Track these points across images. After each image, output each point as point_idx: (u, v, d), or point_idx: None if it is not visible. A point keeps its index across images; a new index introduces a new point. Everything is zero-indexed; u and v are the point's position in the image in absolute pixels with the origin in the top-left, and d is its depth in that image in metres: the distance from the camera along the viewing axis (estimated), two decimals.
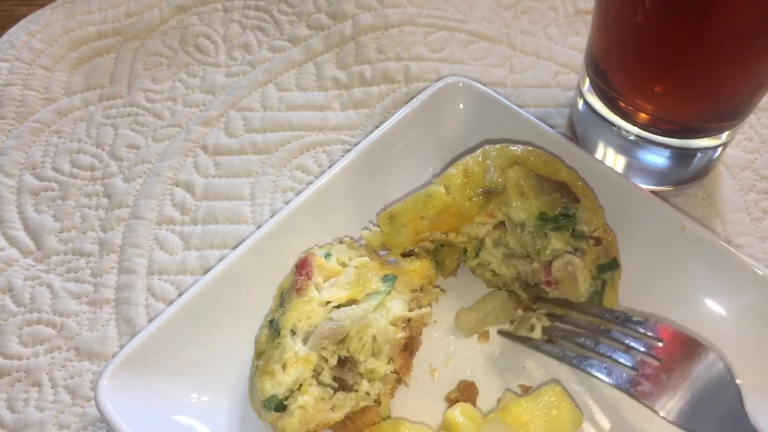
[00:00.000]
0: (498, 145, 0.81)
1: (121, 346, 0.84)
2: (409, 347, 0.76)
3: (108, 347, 0.85)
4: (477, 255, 0.82)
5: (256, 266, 0.82)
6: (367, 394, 0.72)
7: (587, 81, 0.91)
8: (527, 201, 0.78)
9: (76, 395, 0.83)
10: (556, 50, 1.07)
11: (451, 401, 0.79)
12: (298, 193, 0.92)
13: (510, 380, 0.81)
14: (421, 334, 0.79)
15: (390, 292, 0.75)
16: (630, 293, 0.82)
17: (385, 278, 0.76)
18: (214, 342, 0.79)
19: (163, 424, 0.74)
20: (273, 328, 0.73)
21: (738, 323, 0.80)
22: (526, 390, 0.80)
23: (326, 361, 0.71)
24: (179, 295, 0.87)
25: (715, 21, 0.71)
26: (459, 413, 0.74)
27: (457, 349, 0.83)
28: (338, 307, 0.73)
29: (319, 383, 0.71)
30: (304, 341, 0.71)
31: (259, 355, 0.74)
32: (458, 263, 0.86)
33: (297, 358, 0.70)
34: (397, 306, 0.75)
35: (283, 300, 0.76)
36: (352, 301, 0.74)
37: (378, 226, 0.81)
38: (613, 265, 0.78)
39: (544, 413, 0.73)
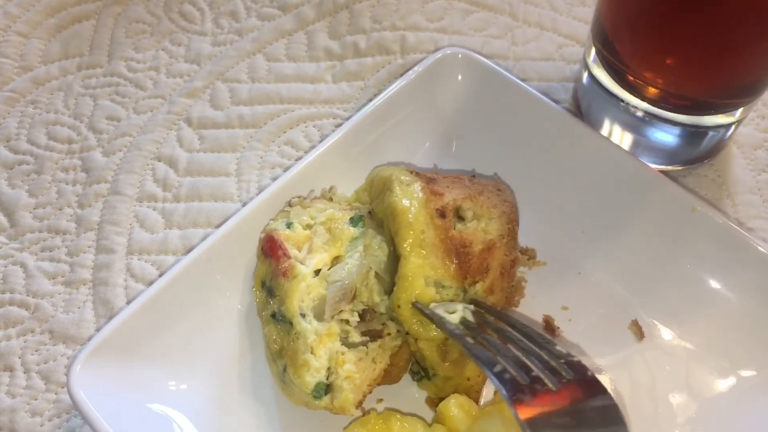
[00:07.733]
0: None
1: (98, 329, 0.80)
2: None
3: (84, 330, 0.82)
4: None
5: (241, 246, 0.79)
6: (398, 331, 0.72)
7: (593, 52, 0.86)
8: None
9: (50, 381, 0.79)
10: (561, 21, 1.03)
11: None
12: (286, 170, 0.88)
13: None
14: None
15: (365, 231, 0.74)
16: (636, 277, 0.80)
17: (352, 220, 0.75)
18: (196, 326, 0.76)
19: (140, 413, 0.71)
20: (279, 321, 0.71)
21: (748, 308, 0.77)
22: None
23: (347, 323, 0.70)
24: (160, 276, 0.84)
25: None
26: (453, 405, 0.70)
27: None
28: (328, 269, 0.72)
29: (351, 346, 0.69)
30: (318, 318, 0.70)
31: (278, 354, 0.71)
32: None
33: (320, 337, 0.68)
34: (380, 238, 0.74)
35: (270, 290, 0.73)
36: (336, 258, 0.73)
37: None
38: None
39: None
